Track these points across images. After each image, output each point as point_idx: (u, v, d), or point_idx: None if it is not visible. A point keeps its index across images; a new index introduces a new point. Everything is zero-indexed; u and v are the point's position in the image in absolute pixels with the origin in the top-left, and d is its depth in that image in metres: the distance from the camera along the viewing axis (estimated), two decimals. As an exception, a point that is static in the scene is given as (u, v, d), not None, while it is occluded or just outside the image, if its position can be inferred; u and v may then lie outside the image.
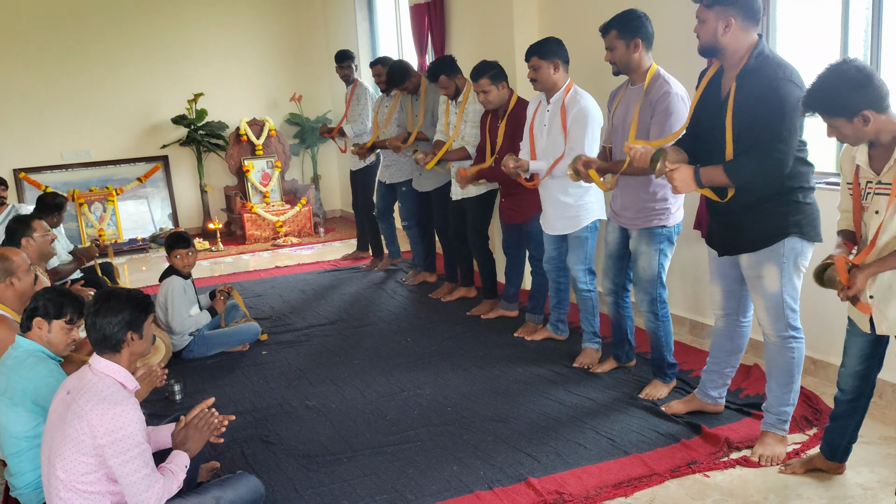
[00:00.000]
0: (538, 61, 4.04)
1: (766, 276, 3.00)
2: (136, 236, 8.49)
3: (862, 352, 2.76)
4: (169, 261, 4.71)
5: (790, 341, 3.07)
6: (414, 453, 3.35)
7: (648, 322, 3.78)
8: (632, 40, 3.48)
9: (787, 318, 3.04)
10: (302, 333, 5.10)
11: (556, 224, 4.23)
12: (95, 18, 8.30)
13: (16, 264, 3.39)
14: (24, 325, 2.96)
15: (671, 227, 3.61)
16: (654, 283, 3.67)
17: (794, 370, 3.11)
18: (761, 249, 2.97)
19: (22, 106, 8.13)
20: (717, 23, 2.85)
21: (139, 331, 2.52)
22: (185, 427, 2.67)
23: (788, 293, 3.00)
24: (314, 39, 9.27)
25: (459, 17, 6.29)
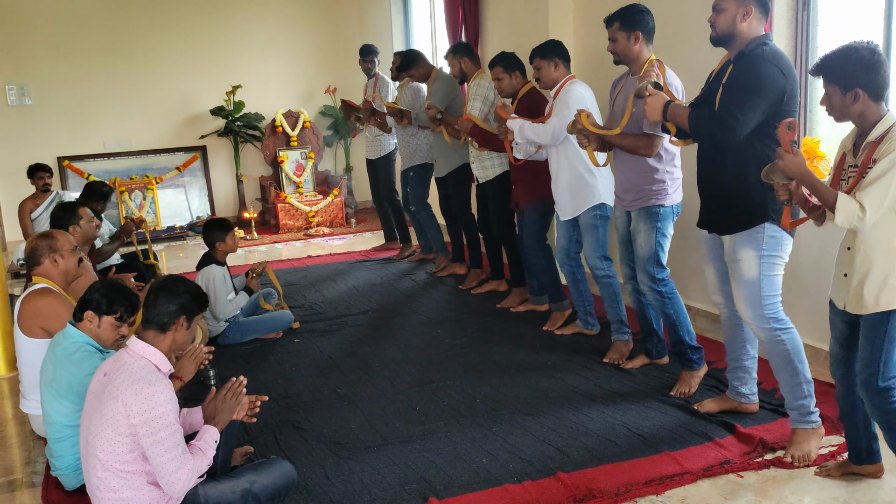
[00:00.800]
0: (539, 61, 4.28)
1: (743, 261, 3.05)
2: (173, 224, 8.63)
3: (840, 335, 2.76)
4: (213, 248, 4.77)
5: (777, 333, 3.07)
6: (443, 444, 3.37)
7: (655, 303, 3.79)
8: (632, 32, 3.62)
9: (765, 308, 3.05)
10: (333, 323, 5.15)
11: (566, 208, 4.34)
12: (138, 13, 8.44)
13: (60, 242, 3.50)
14: (75, 315, 3.02)
15: (668, 206, 3.69)
16: (651, 260, 3.69)
17: (794, 360, 3.09)
18: (740, 232, 3.04)
19: (66, 96, 8.30)
20: (737, 10, 2.96)
21: (190, 319, 2.60)
22: (214, 399, 2.71)
23: (766, 282, 3.04)
24: (349, 33, 9.32)
25: (493, 10, 6.28)
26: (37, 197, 6.47)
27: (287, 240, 8.10)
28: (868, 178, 2.48)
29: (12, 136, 8.12)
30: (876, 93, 2.51)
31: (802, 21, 4.02)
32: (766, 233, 3.01)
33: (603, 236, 4.28)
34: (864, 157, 2.54)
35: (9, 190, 7.84)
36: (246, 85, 8.72)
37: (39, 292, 3.41)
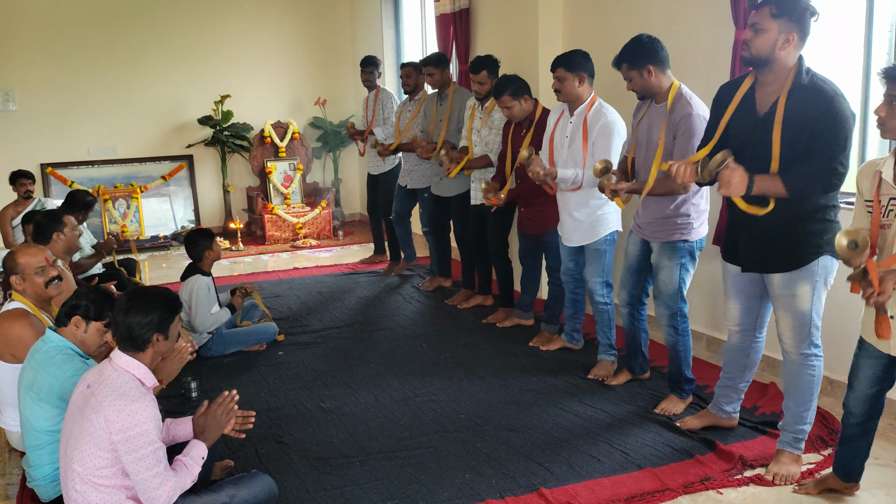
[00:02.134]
0: (564, 73, 4.05)
1: (799, 295, 2.98)
2: (157, 233, 8.58)
3: (874, 374, 2.73)
4: (201, 258, 4.73)
5: (811, 359, 3.06)
6: (426, 459, 3.36)
7: (668, 336, 3.76)
8: (643, 68, 3.48)
9: (812, 335, 3.03)
10: (318, 335, 5.13)
11: (573, 236, 4.25)
12: (126, 19, 8.42)
13: (21, 266, 3.41)
14: (60, 320, 2.98)
15: (693, 241, 3.60)
16: (674, 297, 3.66)
17: (814, 388, 3.09)
18: (796, 269, 2.95)
19: (51, 102, 8.26)
20: (779, 35, 2.80)
21: (165, 332, 2.55)
22: (205, 414, 2.69)
23: (816, 311, 3.00)
24: (340, 45, 9.35)
25: (484, 27, 6.32)
26: (18, 204, 6.42)
27: (274, 251, 8.08)
28: None
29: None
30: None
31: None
32: (821, 263, 2.92)
33: (609, 262, 4.21)
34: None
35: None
36: (235, 94, 8.72)
37: (10, 315, 3.35)
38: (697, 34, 4.28)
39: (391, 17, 8.55)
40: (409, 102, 6.17)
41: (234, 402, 2.72)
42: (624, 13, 4.91)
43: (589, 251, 4.23)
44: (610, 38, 4.87)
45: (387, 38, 8.53)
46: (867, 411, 2.79)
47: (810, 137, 2.76)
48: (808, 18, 2.80)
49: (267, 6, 8.96)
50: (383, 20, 8.51)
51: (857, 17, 3.74)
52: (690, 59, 4.29)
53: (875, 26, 3.67)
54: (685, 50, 4.29)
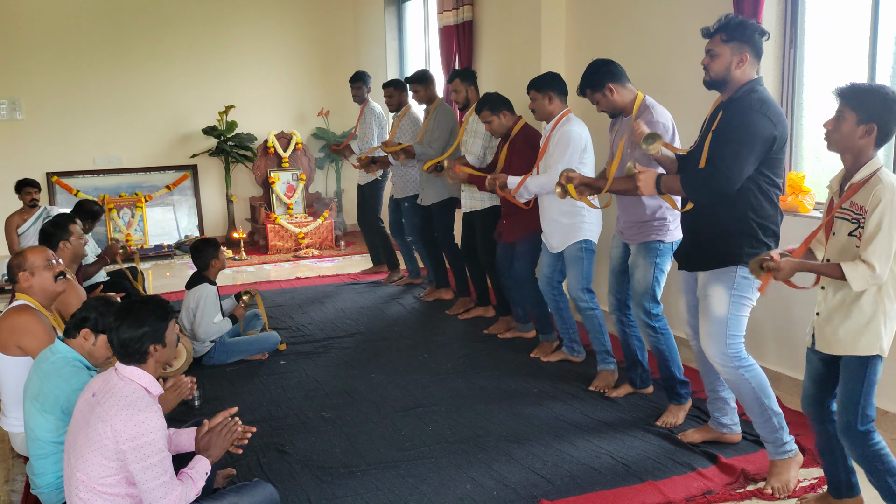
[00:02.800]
0: (534, 94, 4.33)
1: (711, 296, 3.09)
2: (161, 242, 8.61)
3: (815, 372, 2.78)
4: (207, 267, 4.75)
5: (741, 371, 3.10)
6: (428, 470, 3.36)
7: (649, 338, 3.82)
8: (604, 88, 3.69)
9: (728, 346, 3.09)
10: (320, 345, 5.14)
11: (552, 241, 4.38)
12: (132, 30, 8.48)
13: (29, 261, 3.46)
14: (69, 332, 2.99)
15: (668, 242, 3.71)
16: (646, 295, 3.72)
17: (761, 396, 3.12)
18: (714, 269, 3.07)
19: (58, 112, 8.31)
20: (732, 57, 2.96)
21: (162, 340, 2.55)
22: (207, 433, 2.70)
23: (733, 320, 3.07)
24: (344, 57, 9.40)
25: (488, 39, 6.37)
26: (24, 212, 6.45)
27: (276, 261, 8.10)
28: (867, 235, 2.47)
29: (2, 150, 8.11)
30: (883, 137, 2.50)
31: (789, 59, 4.10)
32: (739, 273, 3.03)
33: (588, 269, 4.31)
34: (844, 196, 2.56)
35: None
36: (239, 105, 8.77)
37: (17, 309, 3.40)
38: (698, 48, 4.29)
39: (395, 29, 8.60)
40: (393, 117, 6.32)
41: (237, 424, 2.73)
42: (626, 26, 4.94)
43: (567, 259, 4.34)
44: (612, 51, 4.91)
45: (390, 50, 8.58)
46: (815, 414, 2.81)
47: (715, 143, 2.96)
48: (757, 39, 2.97)
49: (271, 18, 9.02)
50: (387, 32, 8.56)
51: (861, 32, 3.77)
52: (691, 72, 4.31)
53: (879, 41, 3.69)
54: (685, 64, 4.33)
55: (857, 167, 2.55)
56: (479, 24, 6.46)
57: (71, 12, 8.23)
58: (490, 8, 6.30)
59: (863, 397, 2.58)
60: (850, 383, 2.61)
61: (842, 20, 3.95)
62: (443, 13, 6.69)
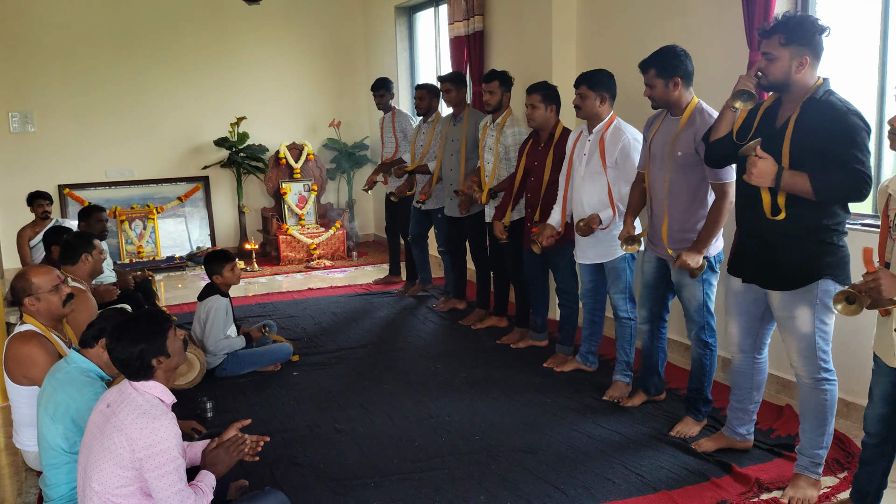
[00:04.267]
0: (587, 90, 4.10)
1: (798, 318, 2.98)
2: (173, 254, 8.66)
3: (886, 393, 2.71)
4: (219, 279, 4.77)
5: (823, 384, 3.03)
6: (441, 481, 3.35)
7: (696, 350, 3.73)
8: (671, 79, 3.51)
9: (819, 360, 3.01)
10: (333, 356, 5.15)
11: (588, 252, 4.28)
12: (144, 43, 8.54)
13: (35, 286, 3.37)
14: (87, 342, 2.99)
15: (712, 256, 3.60)
16: (700, 311, 3.64)
17: (828, 413, 3.07)
18: (795, 290, 2.95)
19: (69, 124, 8.37)
20: (791, 61, 2.83)
21: (163, 352, 2.53)
22: (216, 448, 2.71)
23: (820, 335, 2.98)
24: (355, 67, 9.45)
25: (498, 49, 6.38)
26: (36, 224, 6.50)
27: (288, 272, 8.12)
28: None
29: (14, 163, 8.16)
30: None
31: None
32: (821, 287, 2.91)
33: (630, 278, 4.23)
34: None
35: (8, 217, 7.87)
36: (250, 116, 8.82)
37: (21, 337, 3.34)
38: (711, 56, 4.30)
39: (405, 39, 8.64)
40: (423, 124, 6.23)
41: (245, 441, 2.73)
42: (637, 36, 4.94)
43: (608, 269, 4.25)
44: (623, 61, 4.90)
45: (401, 61, 8.61)
46: (881, 433, 2.77)
47: (822, 147, 2.76)
48: (818, 38, 2.83)
49: (282, 30, 9.07)
50: (398, 42, 8.60)
51: (871, 36, 3.76)
52: (704, 80, 4.30)
53: (890, 44, 3.69)
54: (698, 71, 4.29)
55: None
56: (489, 35, 6.48)
57: (82, 26, 8.30)
58: (501, 18, 6.32)
59: None
60: None
61: (852, 26, 3.93)
62: (454, 24, 6.71)
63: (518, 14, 5.96)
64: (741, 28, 4.03)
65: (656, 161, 3.65)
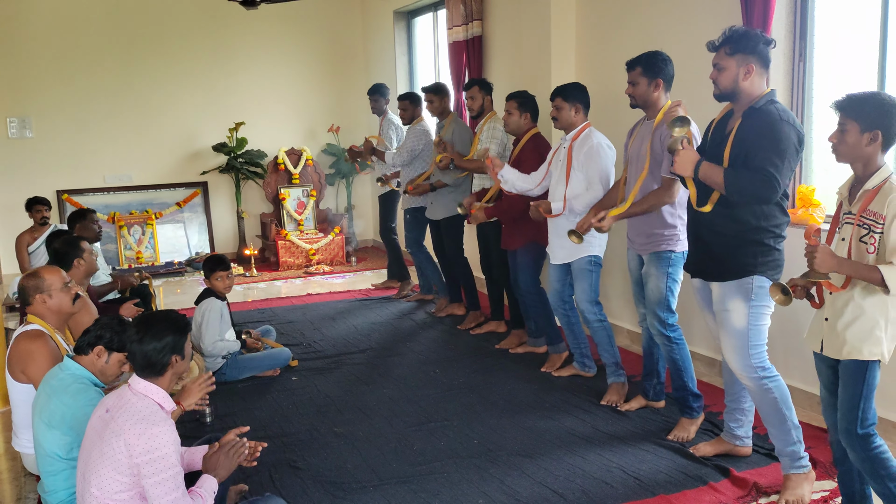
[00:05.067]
0: (561, 102, 4.30)
1: (732, 311, 3.08)
2: (172, 259, 8.66)
3: (827, 380, 2.77)
4: (208, 283, 4.80)
5: (764, 382, 3.09)
6: (440, 485, 3.36)
7: (663, 347, 3.81)
8: (654, 79, 3.68)
9: (752, 357, 3.08)
10: (332, 361, 5.15)
11: (559, 252, 4.38)
12: (142, 48, 8.56)
13: (47, 282, 3.42)
14: (82, 349, 3.00)
15: (679, 252, 3.71)
16: (661, 304, 3.72)
17: (782, 408, 3.11)
18: (730, 281, 3.07)
19: (68, 130, 8.38)
20: (738, 69, 2.99)
21: (181, 352, 2.59)
22: (216, 453, 2.71)
23: (754, 331, 3.07)
24: (353, 73, 9.47)
25: (497, 54, 6.40)
26: (34, 230, 6.50)
27: (287, 277, 8.12)
28: (892, 241, 2.46)
29: (12, 168, 8.18)
30: (888, 141, 2.52)
31: (798, 72, 4.11)
32: (755, 283, 3.03)
33: (595, 281, 4.31)
34: (860, 205, 2.56)
35: (7, 223, 7.88)
36: (249, 122, 8.84)
37: (28, 335, 3.36)
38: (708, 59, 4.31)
39: (404, 44, 8.66)
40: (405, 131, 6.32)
41: (244, 445, 2.74)
42: (635, 41, 4.96)
43: (575, 271, 4.35)
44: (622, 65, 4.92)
45: (400, 66, 8.63)
46: (835, 424, 2.78)
47: (748, 151, 2.92)
48: (762, 48, 2.99)
49: (280, 35, 9.10)
50: (396, 48, 8.62)
51: (870, 45, 3.78)
52: (700, 85, 4.33)
53: (889, 53, 3.70)
54: (696, 75, 4.33)
55: (868, 174, 2.57)
56: (488, 40, 6.50)
57: (80, 31, 8.32)
58: (499, 23, 6.35)
59: (862, 401, 2.59)
60: (849, 388, 2.61)
61: (851, 33, 3.96)
62: (452, 28, 6.73)
63: (517, 19, 5.98)
64: (738, 33, 4.05)
65: (633, 164, 3.81)
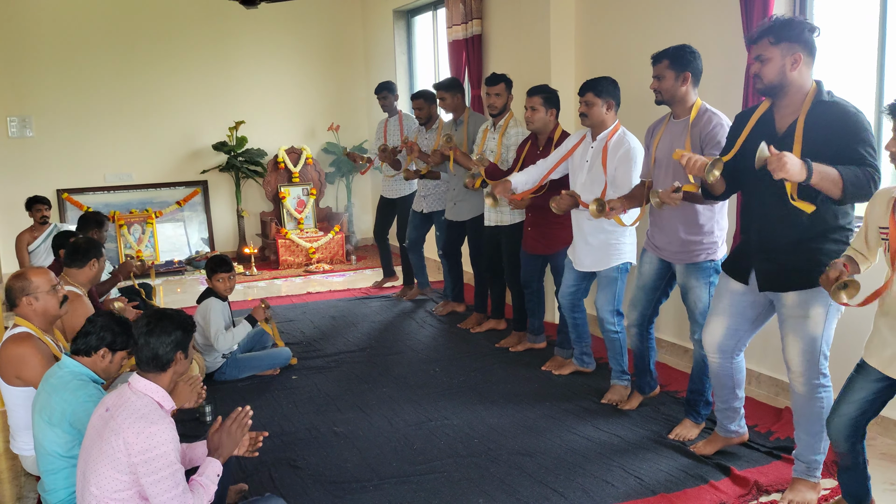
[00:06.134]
0: (593, 98, 4.05)
1: (811, 317, 2.93)
2: (172, 258, 8.66)
3: (866, 398, 2.69)
4: (210, 283, 4.80)
5: (819, 390, 3.01)
6: (440, 484, 3.35)
7: (698, 351, 3.69)
8: (682, 73, 3.49)
9: (820, 364, 2.99)
10: (332, 359, 5.15)
11: (585, 260, 4.22)
12: (143, 47, 8.56)
13: (34, 284, 3.38)
14: (85, 352, 2.96)
15: (718, 260, 3.57)
16: (705, 313, 3.60)
17: (824, 418, 3.03)
18: (812, 288, 2.90)
19: (68, 129, 8.38)
20: (783, 60, 2.80)
21: (185, 350, 2.60)
22: (219, 430, 2.70)
23: (826, 338, 2.96)
24: (353, 71, 9.46)
25: (497, 53, 6.39)
26: (34, 229, 6.49)
27: (287, 276, 8.12)
28: None
29: (12, 167, 8.17)
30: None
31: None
32: None
33: (621, 291, 4.19)
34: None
35: (7, 222, 7.88)
36: (249, 121, 8.83)
37: (16, 339, 3.34)
38: (710, 60, 4.30)
39: (404, 43, 8.65)
40: (426, 132, 6.17)
41: (248, 418, 2.74)
42: (635, 40, 4.96)
43: (601, 278, 4.22)
44: (622, 64, 4.93)
45: (399, 64, 8.62)
46: (849, 437, 2.74)
47: (836, 151, 2.69)
48: (808, 35, 2.80)
49: (280, 34, 9.09)
50: (396, 46, 8.61)
51: (869, 43, 3.77)
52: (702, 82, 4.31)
53: (887, 51, 3.69)
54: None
55: None
56: (488, 38, 6.49)
57: (81, 30, 8.32)
58: (499, 22, 6.34)
59: None
60: None
61: (850, 35, 3.94)
62: (452, 27, 6.73)
63: (516, 18, 5.98)
64: (739, 32, 4.04)
65: (661, 166, 3.61)
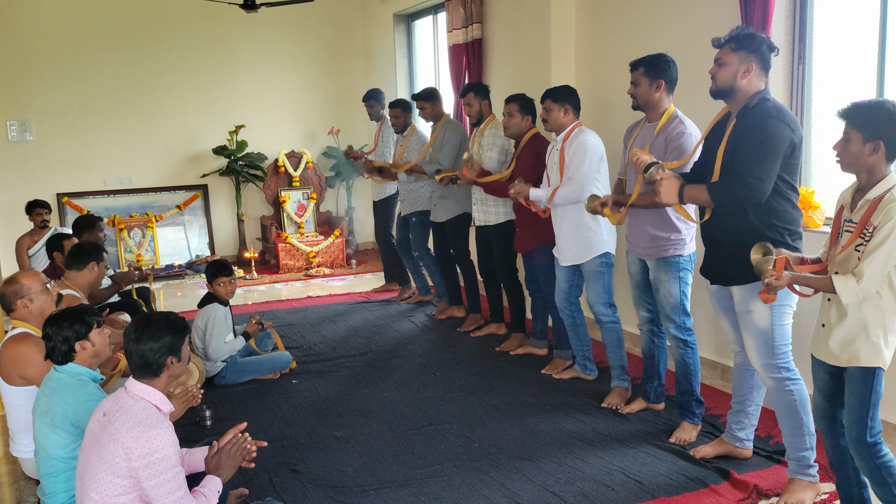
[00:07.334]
0: (550, 103, 4.32)
1: (754, 311, 3.06)
2: (172, 262, 8.66)
3: (822, 385, 2.76)
4: (211, 288, 4.80)
5: (786, 383, 3.08)
6: (440, 488, 3.36)
7: (676, 349, 3.78)
8: (656, 80, 3.65)
9: (777, 357, 3.07)
10: (332, 364, 5.15)
11: (568, 254, 4.34)
12: (142, 52, 8.57)
13: (26, 287, 3.42)
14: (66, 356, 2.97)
15: (686, 256, 3.69)
16: (677, 309, 3.70)
17: (800, 412, 3.09)
18: (751, 283, 3.03)
19: (68, 133, 8.38)
20: (738, 66, 3.00)
21: (178, 354, 2.58)
22: (217, 453, 2.71)
23: (779, 331, 3.05)
24: (353, 76, 9.47)
25: (497, 57, 6.40)
26: (34, 233, 6.50)
27: (287, 280, 8.12)
28: (869, 248, 2.48)
29: (12, 171, 8.17)
30: (892, 151, 2.50)
31: (797, 75, 4.11)
32: None
33: (608, 282, 4.28)
34: (862, 215, 2.54)
35: (7, 226, 7.88)
36: (249, 125, 8.84)
37: (16, 338, 3.36)
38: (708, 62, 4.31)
39: (404, 47, 8.67)
40: (400, 138, 6.29)
41: (246, 441, 2.74)
42: (635, 43, 4.97)
43: (587, 273, 4.30)
44: (622, 67, 4.92)
45: (400, 69, 8.64)
46: (828, 429, 2.78)
47: (735, 153, 2.94)
48: (766, 51, 3.01)
49: (280, 38, 9.10)
50: (396, 50, 8.62)
51: (869, 48, 3.78)
52: (699, 87, 4.34)
53: (887, 56, 3.70)
54: (695, 77, 4.33)
55: (871, 183, 2.55)
56: (488, 42, 6.50)
57: (80, 34, 8.32)
58: (499, 26, 6.35)
59: (871, 408, 2.58)
60: (856, 396, 2.61)
61: (850, 36, 3.96)
62: (452, 31, 6.74)
63: (517, 22, 5.99)
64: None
65: (633, 165, 3.70)
